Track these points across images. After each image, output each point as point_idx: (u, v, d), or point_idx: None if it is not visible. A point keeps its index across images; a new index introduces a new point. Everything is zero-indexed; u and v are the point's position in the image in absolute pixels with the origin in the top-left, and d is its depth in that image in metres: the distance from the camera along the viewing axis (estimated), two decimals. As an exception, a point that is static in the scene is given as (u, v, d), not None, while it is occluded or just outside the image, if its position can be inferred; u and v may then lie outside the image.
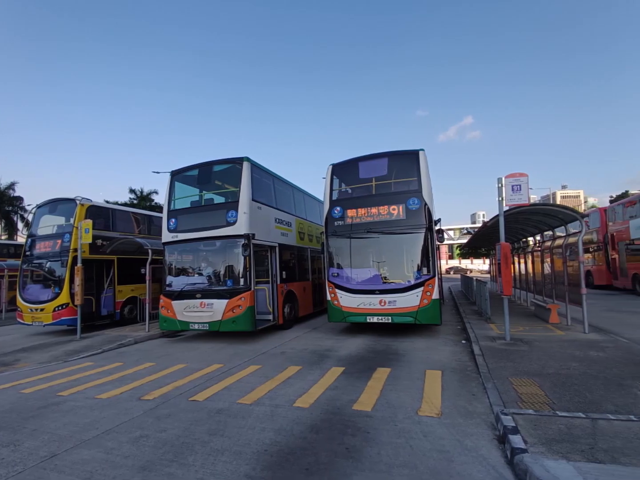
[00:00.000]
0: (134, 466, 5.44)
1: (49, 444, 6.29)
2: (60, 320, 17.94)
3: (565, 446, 5.18)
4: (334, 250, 15.18)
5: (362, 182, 15.63)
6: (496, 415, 6.42)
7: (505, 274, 12.32)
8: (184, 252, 16.20)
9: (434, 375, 9.29)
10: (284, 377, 9.67)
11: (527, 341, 11.89)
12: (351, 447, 5.74)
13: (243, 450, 5.76)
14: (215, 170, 16.59)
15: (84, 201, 19.12)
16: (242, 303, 14.26)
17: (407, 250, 14.46)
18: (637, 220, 25.11)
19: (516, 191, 12.18)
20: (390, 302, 13.77)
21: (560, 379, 8.09)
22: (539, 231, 18.99)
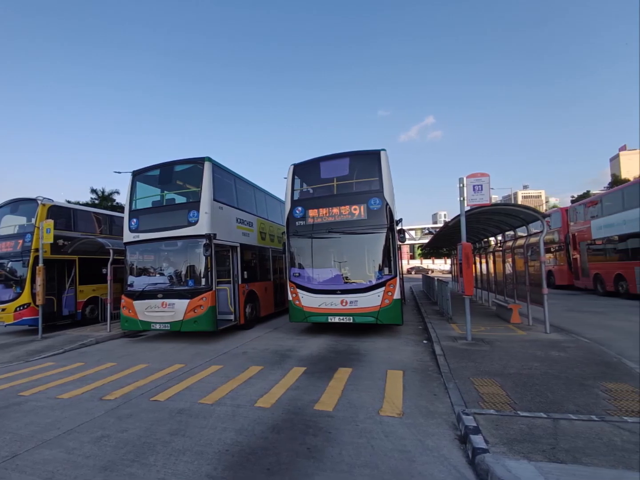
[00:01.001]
0: (95, 466, 5.41)
1: (11, 444, 6.25)
2: (21, 320, 17.74)
3: (526, 446, 5.19)
4: (296, 250, 15.08)
5: (324, 182, 15.53)
6: (457, 415, 6.41)
7: (466, 274, 12.28)
8: (146, 252, 15.98)
9: (395, 375, 9.26)
10: (245, 377, 9.61)
11: (489, 341, 11.90)
12: (312, 447, 5.71)
13: (204, 450, 5.75)
14: (177, 170, 16.43)
15: (45, 201, 18.86)
16: (203, 303, 14.13)
17: (369, 250, 14.39)
18: (598, 221, 25.38)
19: (477, 191, 12.13)
20: (351, 302, 13.71)
21: (522, 379, 8.11)
22: (501, 231, 19.07)
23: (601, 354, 9.99)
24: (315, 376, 9.45)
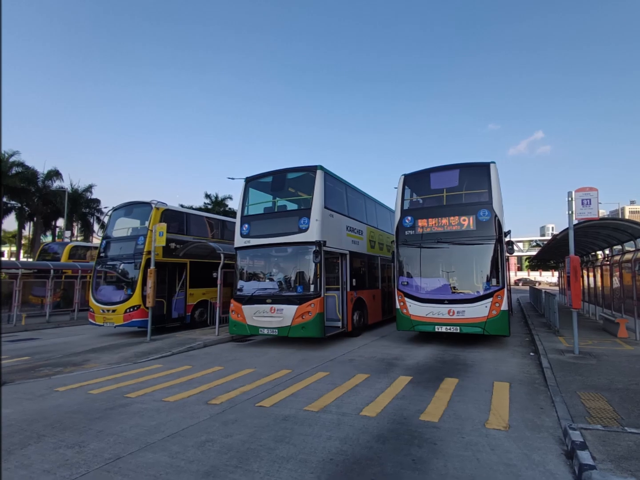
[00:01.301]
0: (198, 471, 5.42)
1: (114, 446, 6.30)
2: (131, 321, 18.11)
3: (634, 463, 5.04)
4: (404, 259, 15.17)
5: (433, 193, 15.63)
6: (564, 429, 6.28)
7: (574, 287, 12.20)
8: (256, 257, 16.37)
9: (501, 387, 9.19)
10: (351, 384, 9.65)
11: (596, 355, 11.72)
12: (417, 459, 5.65)
13: (308, 458, 5.73)
14: (289, 178, 16.77)
15: (159, 205, 19.43)
16: (311, 309, 14.29)
17: (477, 261, 14.40)
18: None
19: (586, 205, 12.10)
20: (458, 312, 13.71)
21: (629, 394, 7.95)
22: (608, 245, 18.69)
23: None
24: (422, 386, 9.42)
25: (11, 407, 8.43)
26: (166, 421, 7.39)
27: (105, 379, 10.78)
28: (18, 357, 13.98)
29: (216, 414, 7.71)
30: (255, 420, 7.34)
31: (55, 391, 9.63)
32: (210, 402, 8.47)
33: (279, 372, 11.12)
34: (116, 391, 9.52)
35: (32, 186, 48.20)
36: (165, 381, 10.39)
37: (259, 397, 8.79)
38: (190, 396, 8.99)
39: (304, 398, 8.62)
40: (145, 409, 8.17)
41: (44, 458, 5.93)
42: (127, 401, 8.72)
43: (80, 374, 11.46)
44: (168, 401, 8.66)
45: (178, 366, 12.18)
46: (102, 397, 9.09)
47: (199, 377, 10.73)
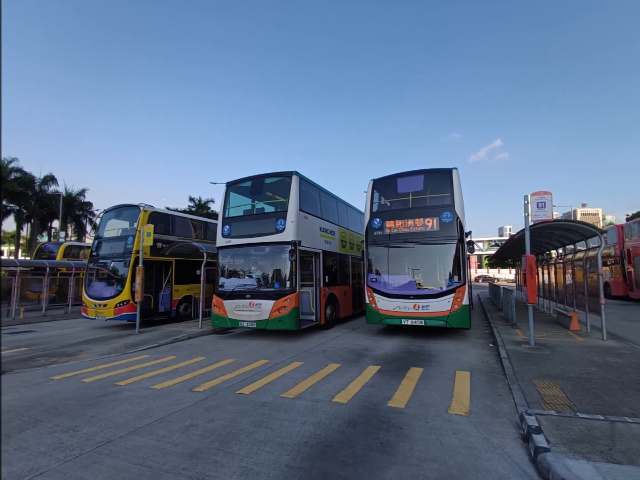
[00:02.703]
0: (183, 453, 5.48)
1: (105, 430, 6.35)
2: (121, 315, 18.25)
3: (585, 446, 5.16)
4: (373, 257, 15.29)
5: (400, 196, 15.75)
6: (521, 415, 6.39)
7: (530, 284, 12.30)
8: (236, 256, 16.44)
9: (463, 375, 9.27)
10: (324, 373, 9.71)
11: (550, 346, 11.81)
12: (385, 442, 5.72)
13: (285, 441, 5.80)
14: (267, 183, 16.88)
15: (147, 208, 19.50)
16: (287, 304, 14.41)
17: (440, 259, 14.49)
18: None
19: (541, 208, 12.23)
20: (423, 306, 13.81)
21: (581, 383, 8.06)
22: (562, 245, 18.83)
23: (654, 360, 9.80)
24: (389, 375, 9.49)
25: (10, 394, 8.48)
26: (153, 407, 7.45)
27: (97, 368, 10.84)
28: (16, 348, 13.98)
29: (199, 401, 7.77)
30: (236, 406, 7.41)
31: (50, 380, 9.69)
32: (194, 390, 8.52)
33: (257, 362, 11.20)
34: (107, 379, 9.58)
35: (29, 190, 48.37)
36: (152, 370, 10.44)
37: (239, 385, 8.86)
38: (176, 384, 9.04)
39: (281, 386, 8.69)
40: (134, 396, 8.22)
41: (41, 441, 6.01)
42: (117, 389, 8.78)
43: (74, 363, 11.53)
44: (155, 389, 8.70)
45: (164, 356, 12.24)
46: (94, 385, 9.15)
47: (183, 367, 10.78)
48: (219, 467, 5.11)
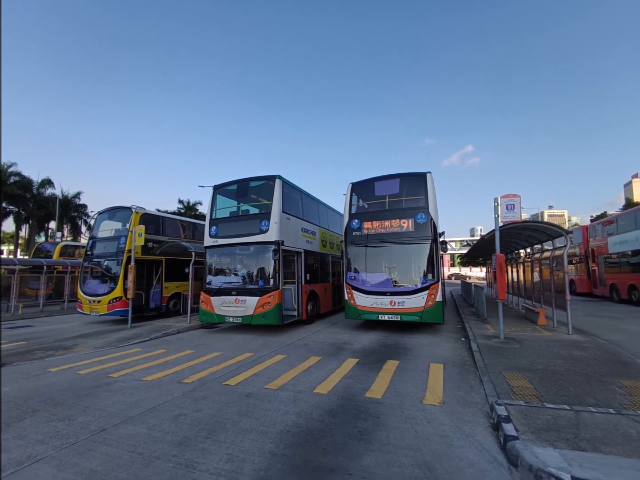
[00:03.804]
0: (172, 441, 5.52)
1: (99, 420, 6.38)
2: (114, 311, 18.30)
3: (552, 435, 5.21)
4: (352, 256, 15.34)
5: (377, 199, 15.79)
6: (491, 405, 6.44)
7: (500, 281, 12.37)
8: (223, 255, 16.42)
9: (437, 368, 9.33)
10: (305, 366, 9.75)
11: (519, 340, 11.85)
12: (363, 430, 5.78)
13: (268, 430, 5.83)
14: (252, 186, 16.95)
15: (138, 209, 19.53)
16: (271, 300, 14.46)
17: (415, 258, 14.52)
18: (614, 237, 25.84)
19: (510, 210, 12.25)
20: (399, 302, 13.86)
21: (548, 374, 8.12)
22: (530, 244, 18.98)
23: (617, 354, 9.95)
24: (367, 367, 9.53)
25: (9, 385, 8.52)
26: (144, 398, 7.48)
27: (91, 360, 10.87)
28: (16, 342, 13.97)
29: (188, 392, 7.80)
30: (222, 397, 7.44)
31: (48, 372, 9.72)
32: (182, 381, 8.55)
33: (242, 355, 11.22)
34: (101, 372, 9.60)
35: (27, 193, 48.16)
36: (143, 363, 10.47)
37: (226, 376, 8.90)
38: (166, 376, 9.07)
39: (265, 377, 8.73)
40: (126, 387, 8.25)
41: (38, 430, 6.06)
42: (111, 380, 8.81)
43: (70, 356, 11.55)
44: (146, 380, 8.73)
45: (155, 350, 12.28)
46: (89, 376, 9.18)
47: (173, 359, 10.81)
48: (206, 454, 5.16)
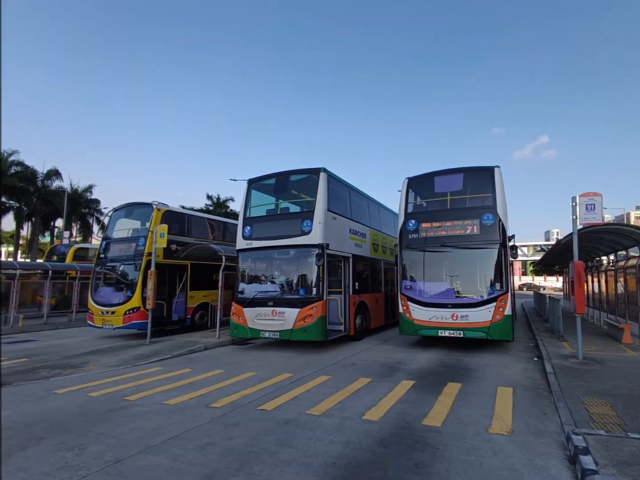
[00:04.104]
0: (199, 474, 5.44)
1: (115, 449, 6.29)
2: (130, 323, 18.10)
3: (637, 469, 5.07)
4: (408, 262, 15.24)
5: (437, 197, 15.74)
6: (567, 434, 6.29)
7: (578, 292, 12.24)
8: (258, 259, 16.42)
9: (505, 392, 9.20)
10: (353, 388, 9.65)
11: (600, 361, 11.74)
12: (420, 463, 5.66)
13: (311, 462, 5.74)
14: (292, 180, 16.85)
15: (160, 206, 19.43)
16: (313, 312, 14.30)
17: (481, 265, 14.45)
18: None
19: (590, 210, 12.16)
20: (462, 316, 13.74)
21: (633, 400, 7.99)
22: (613, 251, 18.75)
23: None
24: (424, 390, 9.44)
25: (10, 409, 8.43)
26: (167, 424, 7.40)
27: (104, 381, 10.79)
28: (16, 359, 13.91)
29: (217, 417, 7.72)
30: (257, 423, 7.35)
31: (54, 393, 9.65)
32: (211, 405, 8.47)
33: (280, 375, 11.13)
34: (116, 394, 9.53)
35: (31, 186, 48.47)
36: (165, 384, 10.40)
37: (261, 400, 8.80)
38: (191, 399, 9.00)
39: (306, 402, 8.63)
40: (145, 411, 8.19)
41: (44, 461, 5.94)
42: (127, 404, 8.74)
43: (79, 376, 11.48)
44: (168, 404, 8.67)
45: (178, 369, 12.18)
46: (102, 399, 9.11)
47: (199, 380, 10.74)
48: (239, 488, 5.12)
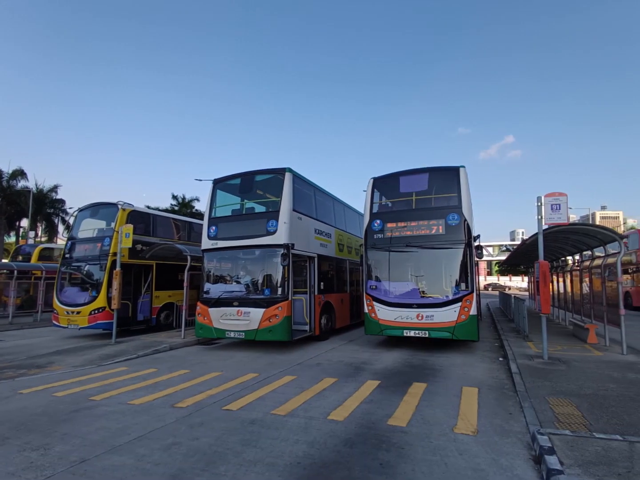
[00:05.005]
0: (164, 474, 5.44)
1: (80, 449, 6.28)
2: (96, 323, 18.01)
3: (601, 469, 5.11)
4: (373, 262, 15.24)
5: (403, 196, 15.77)
6: (532, 434, 6.36)
7: (543, 292, 12.30)
8: (223, 259, 16.37)
9: (470, 392, 9.24)
10: (319, 388, 9.68)
11: (565, 361, 11.80)
12: (385, 463, 5.69)
13: (276, 461, 5.76)
14: (257, 180, 16.81)
15: (125, 206, 19.36)
16: (279, 312, 14.28)
17: (446, 265, 14.52)
18: None
19: (555, 210, 12.18)
20: (427, 316, 13.76)
21: (598, 400, 8.05)
22: (578, 251, 18.82)
23: (679, 377, 9.81)
24: (390, 390, 9.47)
25: None
26: (132, 424, 7.40)
27: (70, 381, 10.76)
28: None
29: (182, 417, 7.74)
30: (222, 423, 7.39)
31: (19, 393, 9.60)
32: (176, 405, 8.49)
33: (245, 375, 11.14)
34: (81, 394, 9.50)
35: (-5, 186, 47.54)
36: (130, 384, 10.38)
37: (226, 400, 8.82)
38: (156, 399, 9.00)
39: (271, 402, 8.66)
40: (110, 411, 8.18)
41: (8, 461, 5.92)
42: (93, 404, 8.72)
43: (45, 376, 11.44)
44: (134, 404, 8.66)
45: (143, 369, 12.18)
46: (67, 399, 9.08)
47: (164, 380, 10.74)
48: (204, 488, 5.10)
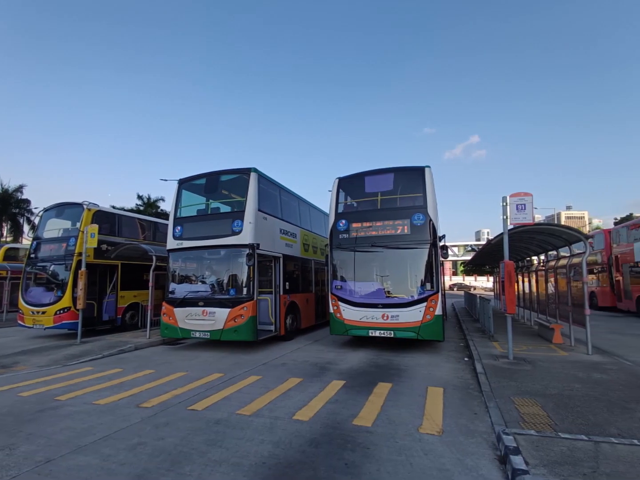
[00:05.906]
0: (130, 474, 5.42)
1: (45, 449, 6.26)
2: (61, 323, 17.99)
3: (567, 469, 5.12)
4: (338, 262, 15.25)
5: (368, 197, 15.80)
6: (497, 434, 6.38)
7: (508, 292, 12.30)
8: (188, 259, 16.28)
9: (435, 392, 9.26)
10: (284, 388, 9.66)
11: (530, 361, 11.84)
12: (350, 463, 5.69)
13: (241, 461, 5.74)
14: (223, 180, 16.77)
15: (91, 206, 19.32)
16: (244, 312, 14.25)
17: (411, 265, 14.50)
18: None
19: (521, 210, 12.22)
20: (393, 316, 13.75)
21: (563, 400, 8.06)
22: (543, 251, 18.94)
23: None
24: (355, 390, 9.47)
25: None
26: (97, 424, 7.39)
27: (35, 381, 10.73)
28: None
29: (147, 417, 7.74)
30: (187, 423, 7.39)
31: None
32: (141, 405, 8.49)
33: (211, 375, 11.13)
34: (46, 394, 9.47)
35: (-41, 185, 46.89)
36: (95, 384, 10.34)
37: (191, 400, 8.82)
38: (121, 399, 8.99)
39: (237, 402, 8.65)
40: (76, 411, 8.16)
41: None
42: (58, 404, 8.69)
43: (10, 376, 11.39)
44: (99, 404, 8.64)
45: (109, 369, 12.14)
46: (32, 399, 9.06)
47: (130, 380, 10.72)
48: (169, 488, 5.14)
